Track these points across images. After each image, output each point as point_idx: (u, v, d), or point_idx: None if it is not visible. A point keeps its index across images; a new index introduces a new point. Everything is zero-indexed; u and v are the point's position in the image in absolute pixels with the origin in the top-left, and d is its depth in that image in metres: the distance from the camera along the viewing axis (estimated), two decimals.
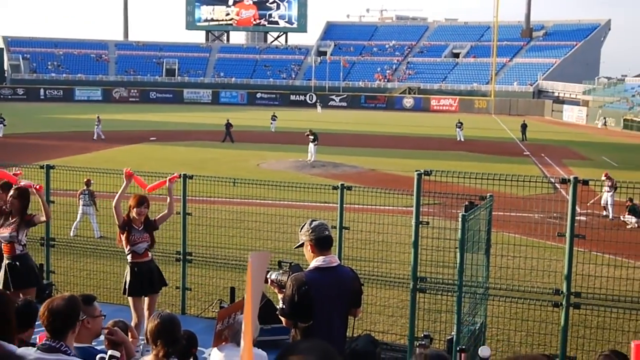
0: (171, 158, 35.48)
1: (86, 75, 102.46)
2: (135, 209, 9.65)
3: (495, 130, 60.82)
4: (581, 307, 9.55)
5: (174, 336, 4.99)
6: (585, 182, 9.32)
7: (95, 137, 45.26)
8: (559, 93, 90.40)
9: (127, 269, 9.83)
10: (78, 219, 18.22)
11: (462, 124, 50.71)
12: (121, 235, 9.72)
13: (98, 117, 47.15)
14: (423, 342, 7.95)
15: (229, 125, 45.49)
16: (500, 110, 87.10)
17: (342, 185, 11.16)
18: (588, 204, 20.36)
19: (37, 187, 10.08)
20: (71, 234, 17.39)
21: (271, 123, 55.06)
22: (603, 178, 21.85)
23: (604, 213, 22.58)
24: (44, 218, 10.01)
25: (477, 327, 9.50)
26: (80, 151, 37.42)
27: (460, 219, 8.34)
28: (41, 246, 13.26)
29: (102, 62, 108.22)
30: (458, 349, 8.07)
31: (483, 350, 5.73)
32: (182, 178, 11.91)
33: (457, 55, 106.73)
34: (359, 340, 5.63)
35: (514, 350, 10.68)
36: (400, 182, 26.46)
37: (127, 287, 9.77)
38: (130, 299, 9.83)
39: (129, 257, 9.76)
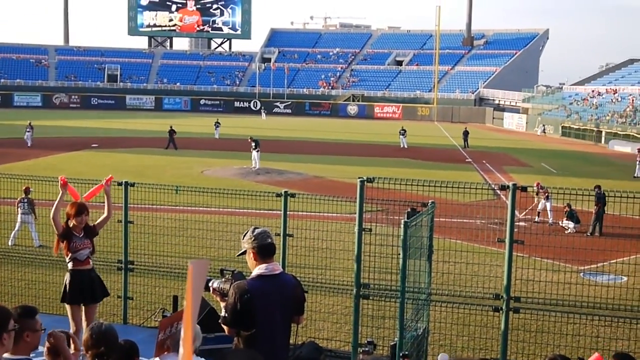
0: (113, 165, 34.96)
1: (25, 81, 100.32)
2: (75, 218, 9.46)
3: (438, 137, 61.59)
4: (521, 311, 9.72)
5: (108, 347, 4.92)
6: (524, 189, 9.50)
7: (29, 144, 44.16)
8: (499, 101, 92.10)
9: (67, 276, 9.61)
10: (17, 228, 17.82)
11: (405, 131, 51.22)
12: (60, 244, 9.52)
13: (30, 123, 46.09)
14: (366, 349, 7.99)
15: (172, 132, 45.08)
16: (443, 117, 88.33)
17: (285, 192, 11.15)
18: (523, 215, 20.77)
19: None
20: (10, 243, 17.00)
21: (215, 129, 54.77)
22: (535, 188, 22.31)
23: (537, 219, 23.02)
24: None
25: (420, 333, 9.58)
26: (19, 158, 36.62)
27: (402, 226, 8.40)
28: None
29: (42, 67, 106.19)
30: (401, 354, 8.13)
31: (442, 357, 5.78)
32: (123, 185, 11.76)
33: (400, 63, 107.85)
34: (303, 348, 5.63)
35: (456, 355, 10.81)
36: (344, 189, 26.55)
37: (65, 294, 9.56)
38: (68, 307, 9.61)
39: (69, 265, 9.55)
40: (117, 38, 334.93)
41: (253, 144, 35.46)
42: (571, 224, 22.04)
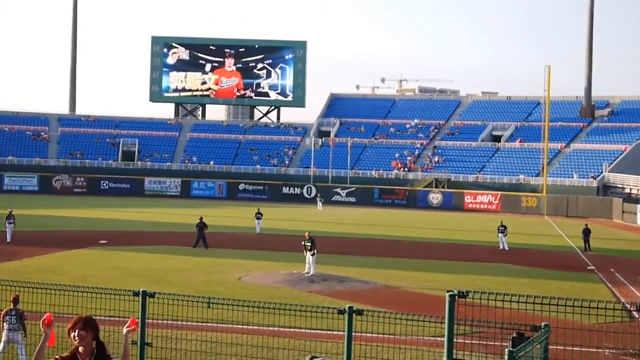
0: (127, 268, 35.28)
1: (19, 159, 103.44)
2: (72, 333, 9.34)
3: (549, 236, 60.80)
4: None
5: None
6: None
7: (8, 240, 44.37)
8: (630, 189, 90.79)
9: None
10: (0, 349, 17.93)
11: (505, 227, 50.73)
12: None
13: (10, 211, 46.54)
14: None
15: (202, 225, 45.46)
16: (555, 210, 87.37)
17: (350, 308, 11.04)
18: None
19: None
20: None
21: (256, 222, 55.11)
22: None
23: None
24: None
25: None
26: (7, 257, 37.24)
27: (506, 356, 8.22)
28: None
29: (41, 141, 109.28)
30: None
31: None
32: (140, 296, 11.81)
33: (498, 139, 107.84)
34: None
35: None
36: (426, 304, 26.22)
37: None
38: None
39: None
40: (135, 105, 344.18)
41: (308, 244, 35.43)
42: None
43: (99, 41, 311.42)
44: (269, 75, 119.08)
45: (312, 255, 35.24)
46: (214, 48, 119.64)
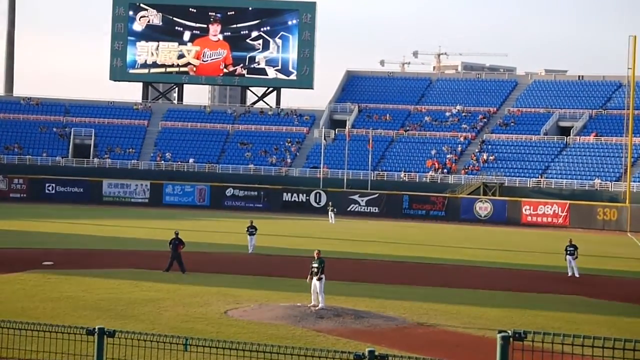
0: (79, 298, 35.28)
1: None
2: None
3: (632, 260, 60.73)
4: None
5: None
6: None
7: None
8: None
9: None
10: None
11: (575, 248, 50.60)
12: None
13: None
14: None
15: (178, 243, 45.46)
16: None
17: (371, 352, 11.05)
18: None
19: None
20: None
21: (248, 239, 54.93)
22: None
23: None
24: None
25: None
26: None
27: None
28: None
29: None
30: None
31: None
32: (96, 335, 11.83)
33: (566, 132, 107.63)
34: None
35: None
36: (471, 347, 26.20)
37: None
38: None
39: None
40: (91, 85, 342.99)
41: (315, 266, 35.19)
42: None
43: (44, 2, 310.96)
44: (266, 46, 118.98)
45: (319, 280, 34.96)
46: (194, 11, 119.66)
